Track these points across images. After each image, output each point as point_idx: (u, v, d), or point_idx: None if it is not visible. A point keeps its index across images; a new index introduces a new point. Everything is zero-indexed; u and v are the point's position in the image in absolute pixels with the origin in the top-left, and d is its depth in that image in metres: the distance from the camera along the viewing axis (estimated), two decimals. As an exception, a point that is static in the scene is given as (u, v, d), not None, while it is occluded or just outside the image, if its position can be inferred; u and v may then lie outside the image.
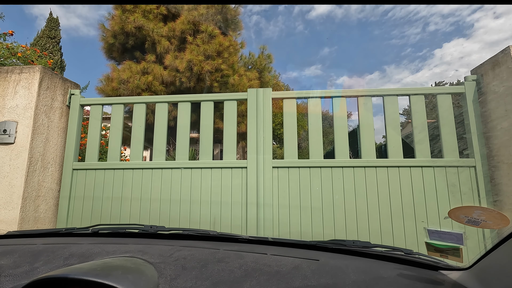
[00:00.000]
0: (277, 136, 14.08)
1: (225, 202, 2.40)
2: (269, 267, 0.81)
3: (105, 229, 1.20)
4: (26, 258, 0.87)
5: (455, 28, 69.17)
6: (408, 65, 71.81)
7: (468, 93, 2.38)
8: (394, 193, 2.27)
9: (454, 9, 66.57)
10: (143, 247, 0.95)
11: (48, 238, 1.11)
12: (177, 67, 7.38)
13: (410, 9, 67.75)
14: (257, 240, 1.11)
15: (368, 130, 2.42)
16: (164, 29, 7.74)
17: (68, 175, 2.58)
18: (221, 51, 7.62)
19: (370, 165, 2.33)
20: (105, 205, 2.50)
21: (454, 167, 2.26)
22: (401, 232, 2.20)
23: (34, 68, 2.48)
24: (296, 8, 63.76)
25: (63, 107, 2.69)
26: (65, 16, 58.80)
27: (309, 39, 71.04)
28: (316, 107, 2.51)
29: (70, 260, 0.85)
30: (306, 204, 2.32)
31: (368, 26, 73.92)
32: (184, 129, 2.59)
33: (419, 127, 2.37)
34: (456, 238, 0.73)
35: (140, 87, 7.44)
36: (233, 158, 2.51)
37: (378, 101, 2.66)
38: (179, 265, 0.81)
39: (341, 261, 0.89)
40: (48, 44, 13.45)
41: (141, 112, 2.68)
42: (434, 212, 2.20)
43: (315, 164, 2.38)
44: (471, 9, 66.09)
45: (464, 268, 0.77)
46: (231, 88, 7.92)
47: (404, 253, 0.95)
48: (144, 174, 2.53)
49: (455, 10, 67.11)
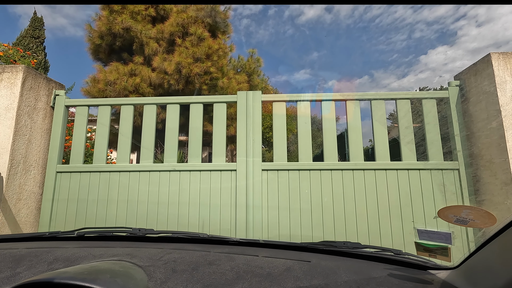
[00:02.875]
0: (266, 139, 14.11)
1: (214, 204, 2.37)
2: (260, 269, 0.80)
3: (91, 233, 1.17)
4: (7, 263, 0.83)
5: (439, 35, 71.60)
6: (394, 70, 73.71)
7: (452, 98, 2.46)
8: (381, 195, 2.30)
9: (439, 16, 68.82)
10: (132, 251, 0.93)
11: (31, 243, 1.07)
12: (166, 69, 7.31)
13: (397, 16, 69.69)
14: (248, 242, 1.10)
15: (356, 134, 2.46)
16: (152, 30, 7.67)
17: (52, 178, 2.50)
18: (210, 54, 7.60)
19: (358, 168, 2.37)
20: (90, 209, 2.43)
21: (439, 170, 2.32)
22: (388, 233, 2.23)
23: (17, 68, 2.40)
24: (286, 12, 64.48)
25: (47, 108, 2.62)
26: (51, 16, 57.50)
27: (298, 43, 71.91)
28: (306, 110, 2.53)
29: (55, 265, 0.82)
30: (295, 206, 2.32)
31: (356, 31, 75.59)
32: (173, 131, 2.56)
33: (405, 131, 2.42)
34: (444, 237, 0.75)
35: (128, 89, 7.32)
36: (222, 161, 2.49)
37: (366, 105, 2.73)
38: (169, 268, 0.79)
39: (332, 262, 0.90)
40: (31, 44, 13.08)
41: (128, 114, 2.63)
42: (420, 214, 2.25)
43: (304, 167, 2.40)
44: (454, 17, 68.51)
45: (452, 268, 0.79)
46: (220, 91, 7.90)
47: (393, 253, 0.96)
48: (131, 176, 2.48)
49: (440, 18, 69.38)
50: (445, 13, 72.21)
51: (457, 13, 70.23)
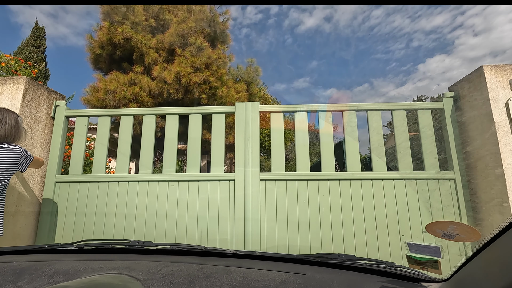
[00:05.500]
0: (264, 147, 14.13)
1: (212, 215, 2.38)
2: (256, 282, 0.82)
3: (91, 245, 1.18)
4: (8, 276, 0.85)
5: (437, 45, 72.51)
6: (393, 78, 74.45)
7: (446, 108, 2.50)
8: (378, 205, 2.32)
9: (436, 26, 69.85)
10: (130, 263, 0.94)
11: (31, 255, 1.08)
12: (165, 78, 7.38)
13: (395, 25, 70.65)
14: (244, 255, 1.11)
15: (352, 144, 2.49)
16: (152, 40, 7.77)
17: (51, 188, 2.51)
18: (210, 63, 7.69)
19: (355, 177, 2.39)
20: (89, 220, 2.44)
21: (435, 179, 2.35)
22: (385, 243, 2.24)
23: (18, 79, 2.44)
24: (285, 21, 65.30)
25: (47, 119, 2.65)
26: (53, 25, 58.09)
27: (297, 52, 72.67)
28: (303, 121, 2.57)
29: (55, 278, 0.83)
30: (293, 217, 2.34)
31: (355, 40, 76.50)
32: (172, 141, 2.59)
33: (401, 141, 2.45)
34: (434, 251, 0.77)
35: (127, 98, 7.38)
36: (221, 170, 2.51)
37: (363, 113, 2.78)
38: (167, 281, 0.81)
39: (327, 274, 0.91)
40: (32, 53, 13.19)
41: (128, 124, 2.66)
42: (417, 223, 2.27)
43: (302, 177, 2.42)
44: (451, 27, 69.53)
45: (443, 280, 0.81)
46: (219, 100, 7.96)
47: (387, 265, 0.98)
48: (130, 187, 2.49)
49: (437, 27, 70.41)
50: (442, 23, 73.41)
51: (454, 22, 71.41)
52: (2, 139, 1.84)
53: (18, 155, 1.84)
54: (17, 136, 1.92)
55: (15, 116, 1.94)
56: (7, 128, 1.85)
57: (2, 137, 1.84)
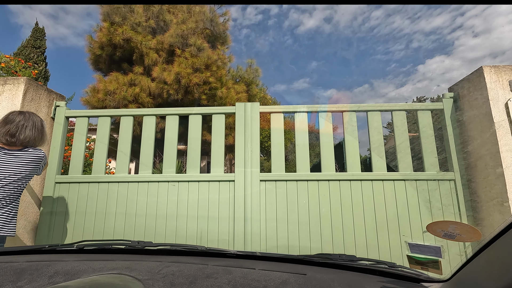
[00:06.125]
0: (264, 148, 14.13)
1: (212, 215, 2.38)
2: (257, 282, 0.82)
3: (91, 245, 1.18)
4: (8, 276, 0.84)
5: (437, 46, 72.64)
6: (393, 79, 74.53)
7: (446, 109, 2.50)
8: (378, 205, 2.32)
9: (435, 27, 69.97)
10: (131, 264, 0.94)
11: (31, 255, 1.08)
12: (165, 79, 7.39)
13: (394, 26, 70.79)
14: (245, 255, 1.11)
15: (352, 145, 2.49)
16: (152, 41, 7.77)
17: (50, 189, 2.51)
18: (210, 64, 7.70)
19: (355, 178, 2.39)
20: (89, 220, 2.44)
21: (435, 180, 2.35)
22: (386, 243, 2.24)
23: (18, 80, 2.44)
24: (285, 22, 65.41)
25: (47, 119, 2.64)
26: (53, 26, 58.09)
27: (297, 53, 72.77)
28: (303, 121, 2.57)
29: (55, 278, 0.83)
30: (293, 218, 2.34)
31: (355, 41, 76.65)
32: (172, 142, 2.59)
33: (401, 142, 2.45)
34: (435, 251, 0.77)
35: (127, 99, 7.38)
36: (220, 171, 2.51)
37: (363, 114, 2.77)
38: (167, 281, 0.81)
39: (327, 275, 0.91)
40: (32, 54, 13.20)
41: (128, 125, 2.66)
42: (417, 223, 2.27)
43: (302, 178, 2.42)
44: (451, 28, 69.67)
45: (444, 280, 0.81)
46: (219, 100, 7.97)
47: (387, 266, 0.98)
48: (130, 187, 2.49)
49: (436, 28, 70.53)
50: (442, 24, 73.55)
51: (454, 23, 71.54)
52: (30, 144, 1.84)
53: (40, 159, 1.86)
54: (42, 140, 1.93)
55: (41, 120, 1.94)
56: (34, 133, 1.85)
57: (31, 142, 1.84)
